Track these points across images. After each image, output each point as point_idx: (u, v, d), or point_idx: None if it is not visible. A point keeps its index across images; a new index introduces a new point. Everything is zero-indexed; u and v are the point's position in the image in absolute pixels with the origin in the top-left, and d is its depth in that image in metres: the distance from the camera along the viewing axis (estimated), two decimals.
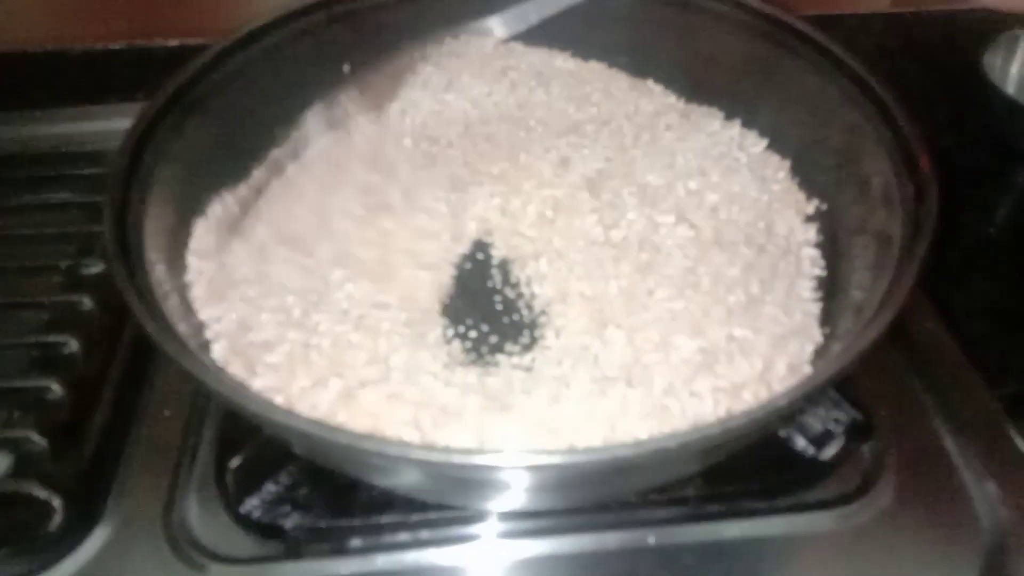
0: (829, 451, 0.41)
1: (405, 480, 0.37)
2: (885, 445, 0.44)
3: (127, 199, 0.41)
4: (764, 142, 0.53)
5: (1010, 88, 0.72)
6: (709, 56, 0.55)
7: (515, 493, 0.37)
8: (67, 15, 0.78)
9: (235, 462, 0.42)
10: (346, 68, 0.55)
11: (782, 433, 0.42)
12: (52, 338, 0.47)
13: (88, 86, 0.76)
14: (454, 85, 0.55)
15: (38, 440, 0.43)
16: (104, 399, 0.46)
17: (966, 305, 0.58)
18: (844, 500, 0.42)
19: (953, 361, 0.49)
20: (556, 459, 0.30)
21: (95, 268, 0.51)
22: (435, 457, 0.31)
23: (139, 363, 0.48)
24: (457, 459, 0.31)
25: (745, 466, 0.43)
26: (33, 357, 0.47)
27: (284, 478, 0.42)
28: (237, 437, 0.43)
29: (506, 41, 0.58)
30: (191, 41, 0.79)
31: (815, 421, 0.40)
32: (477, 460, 0.31)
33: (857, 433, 0.42)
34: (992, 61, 0.70)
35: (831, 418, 0.40)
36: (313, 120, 0.54)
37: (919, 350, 0.49)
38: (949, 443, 0.45)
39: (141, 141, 0.44)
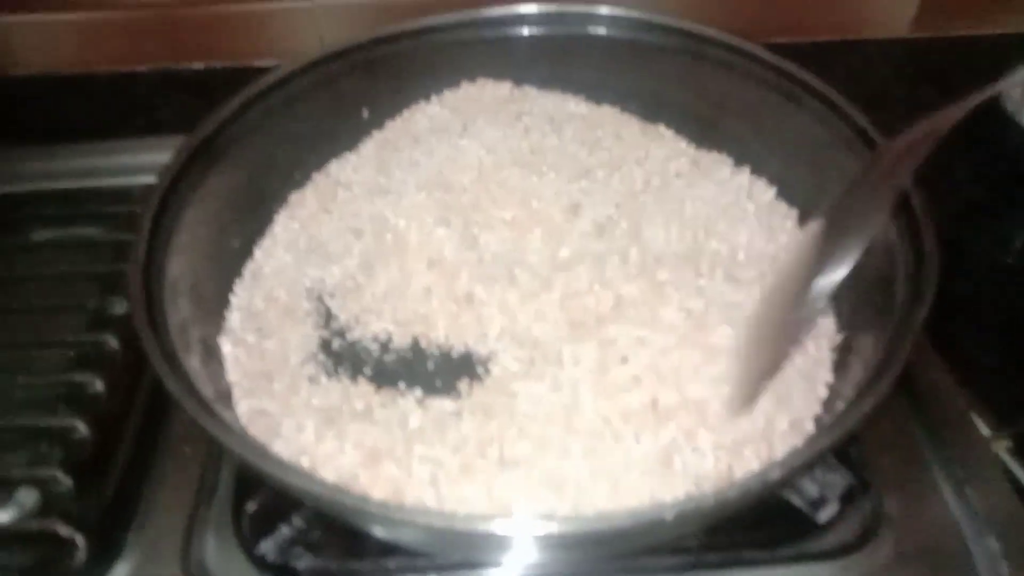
0: (824, 515, 0.41)
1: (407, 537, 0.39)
2: (885, 498, 0.44)
3: (152, 259, 0.43)
4: (772, 190, 0.53)
5: None
6: (719, 103, 0.55)
7: (518, 552, 0.38)
8: (94, 39, 0.80)
9: (251, 506, 0.44)
10: (365, 114, 0.57)
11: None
12: (78, 377, 0.49)
13: (114, 108, 0.78)
14: (469, 130, 0.56)
15: (63, 479, 0.44)
16: (126, 437, 0.47)
17: (977, 339, 0.58)
18: (844, 552, 0.43)
19: (957, 412, 0.49)
20: (553, 527, 0.31)
21: (120, 308, 0.52)
22: (438, 522, 0.32)
23: (160, 401, 0.49)
24: (461, 525, 0.32)
25: (746, 516, 0.43)
26: (59, 395, 0.48)
27: (297, 521, 0.44)
28: (253, 478, 0.45)
29: (520, 85, 0.59)
30: (216, 64, 0.81)
31: (811, 484, 0.41)
32: (481, 527, 0.32)
33: (852, 496, 0.42)
34: (1010, 92, 0.70)
35: (827, 482, 0.41)
36: None
37: (923, 399, 0.49)
38: (950, 496, 0.45)
39: (166, 195, 0.45)
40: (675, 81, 0.55)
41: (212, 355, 0.46)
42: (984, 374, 0.54)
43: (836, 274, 0.39)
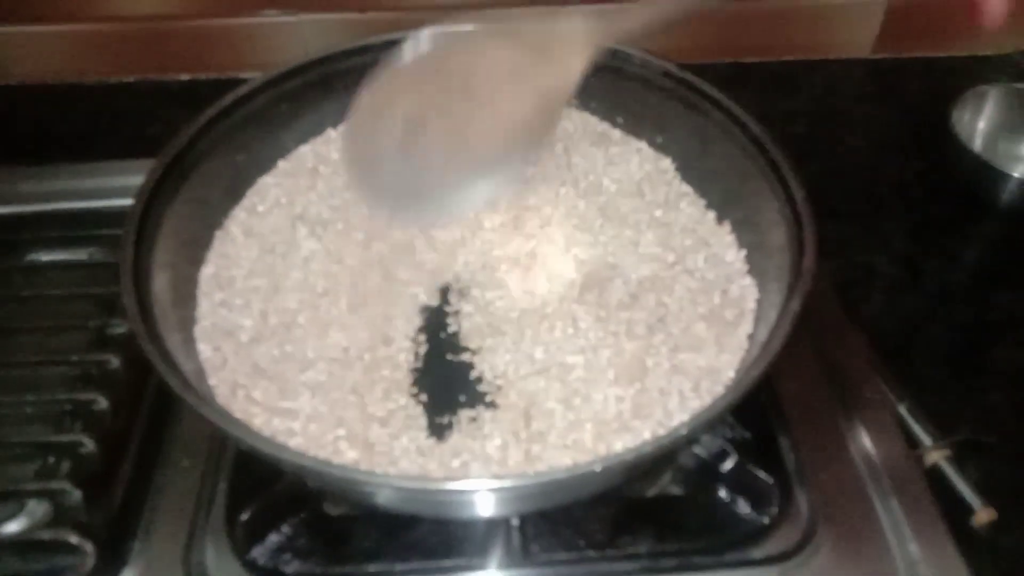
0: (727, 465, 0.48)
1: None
2: (821, 506, 0.49)
3: (139, 264, 0.47)
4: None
5: (978, 142, 0.75)
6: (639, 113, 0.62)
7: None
8: (82, 50, 0.82)
9: (245, 515, 0.48)
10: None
11: (725, 497, 0.49)
12: (83, 395, 0.52)
13: (103, 118, 0.81)
14: None
15: (72, 491, 0.48)
16: (130, 451, 0.51)
17: (926, 352, 0.63)
18: (784, 556, 0.48)
19: (891, 431, 0.53)
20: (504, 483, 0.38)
21: (120, 328, 0.56)
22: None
23: (161, 416, 0.53)
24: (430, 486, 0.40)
25: (695, 525, 0.49)
26: (66, 412, 0.52)
27: (286, 529, 0.48)
28: (247, 489, 0.49)
29: None
30: (201, 76, 0.84)
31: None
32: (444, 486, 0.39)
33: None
34: (960, 116, 0.74)
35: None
36: None
37: (861, 416, 0.54)
38: (879, 506, 0.49)
39: (147, 208, 0.50)
40: (596, 92, 0.60)
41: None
42: (931, 387, 0.59)
43: None
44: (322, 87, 0.59)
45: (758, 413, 0.52)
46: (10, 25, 0.80)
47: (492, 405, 0.49)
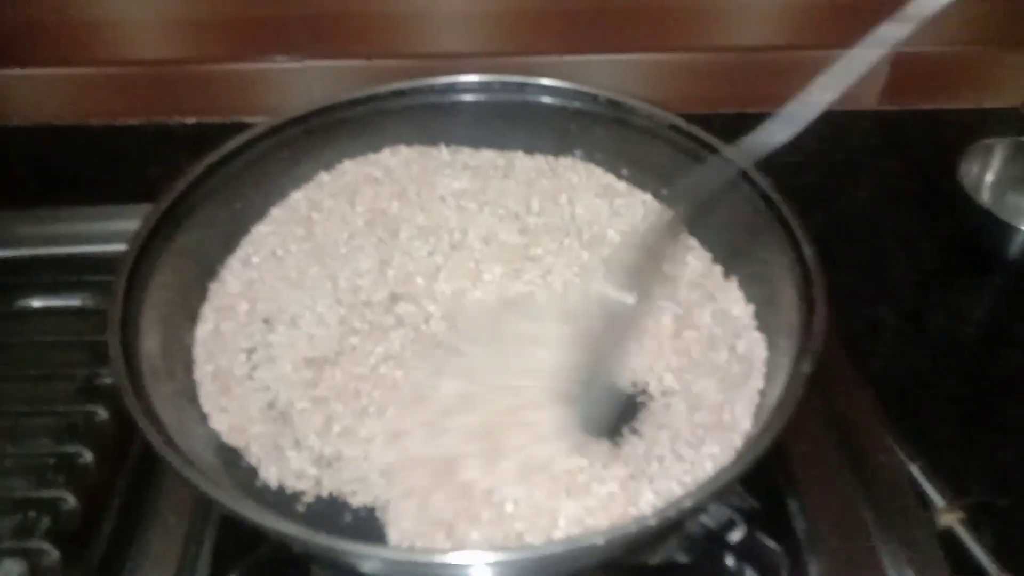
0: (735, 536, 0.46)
1: None
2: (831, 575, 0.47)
3: (128, 312, 0.46)
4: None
5: (984, 195, 0.75)
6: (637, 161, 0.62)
7: None
8: (87, 93, 0.82)
9: None
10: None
11: (732, 566, 0.47)
12: (67, 448, 0.51)
13: (107, 160, 0.80)
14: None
15: (50, 550, 0.46)
16: (113, 508, 0.49)
17: (935, 410, 0.61)
18: None
19: (904, 493, 0.51)
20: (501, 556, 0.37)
21: (109, 378, 0.54)
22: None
23: (147, 471, 0.51)
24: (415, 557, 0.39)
25: None
26: (49, 465, 0.50)
27: None
28: (232, 550, 0.47)
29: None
30: (208, 120, 0.84)
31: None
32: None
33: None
34: (968, 169, 0.73)
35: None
36: None
37: (872, 478, 0.52)
38: (893, 574, 0.47)
39: (140, 256, 0.49)
40: (601, 143, 0.61)
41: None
42: (941, 445, 0.57)
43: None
44: (324, 134, 0.59)
45: (766, 476, 0.50)
46: (16, 67, 0.80)
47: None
